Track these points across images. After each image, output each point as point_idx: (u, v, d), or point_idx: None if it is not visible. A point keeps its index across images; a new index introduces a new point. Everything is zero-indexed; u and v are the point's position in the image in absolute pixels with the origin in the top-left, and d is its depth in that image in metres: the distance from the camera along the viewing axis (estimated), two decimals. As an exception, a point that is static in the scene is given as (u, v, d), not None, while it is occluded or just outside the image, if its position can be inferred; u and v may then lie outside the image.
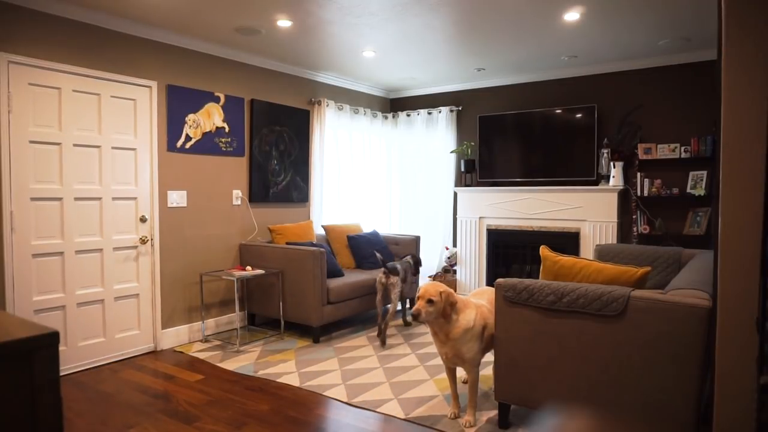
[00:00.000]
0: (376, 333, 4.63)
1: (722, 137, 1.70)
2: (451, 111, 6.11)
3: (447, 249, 6.12)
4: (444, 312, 2.73)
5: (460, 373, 3.50)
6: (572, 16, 3.76)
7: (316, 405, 3.13)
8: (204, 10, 3.64)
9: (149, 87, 4.08)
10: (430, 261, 6.26)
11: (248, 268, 4.46)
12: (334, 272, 4.70)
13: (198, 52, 4.42)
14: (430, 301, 2.72)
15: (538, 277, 3.58)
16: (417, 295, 2.77)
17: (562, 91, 5.46)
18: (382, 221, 6.52)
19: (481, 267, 5.81)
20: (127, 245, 3.98)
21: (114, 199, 3.88)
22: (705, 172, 4.70)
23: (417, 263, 4.90)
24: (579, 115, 5.21)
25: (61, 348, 3.62)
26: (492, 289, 3.20)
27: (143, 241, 4.05)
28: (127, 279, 3.99)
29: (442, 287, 2.76)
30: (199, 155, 4.46)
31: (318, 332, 4.37)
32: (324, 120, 5.55)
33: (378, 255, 4.35)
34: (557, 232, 5.31)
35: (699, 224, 4.70)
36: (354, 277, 4.78)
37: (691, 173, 4.76)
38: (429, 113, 6.25)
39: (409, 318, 4.97)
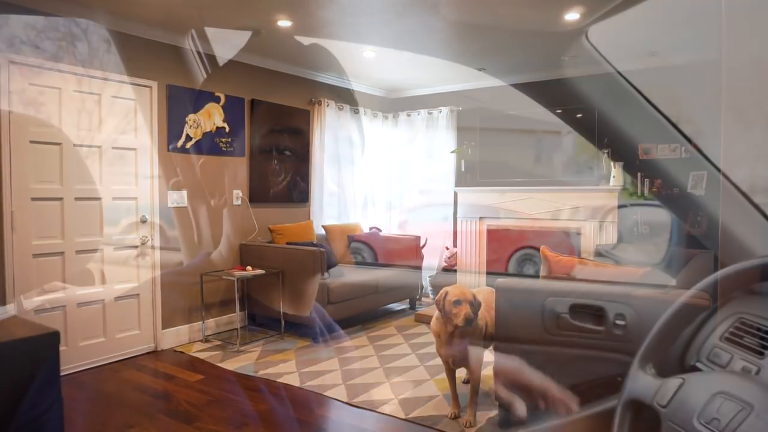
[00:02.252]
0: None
1: (722, 137, 1.70)
2: (452, 111, 6.10)
3: (447, 249, 6.12)
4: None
5: (460, 373, 3.49)
6: (572, 16, 3.76)
7: (316, 405, 3.13)
8: (204, 10, 3.64)
9: (149, 87, 4.07)
10: (431, 261, 6.24)
11: (248, 268, 4.45)
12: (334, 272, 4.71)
13: (198, 52, 4.42)
14: (471, 304, 2.65)
15: (538, 278, 3.58)
16: (450, 298, 2.66)
17: (562, 91, 5.45)
18: (382, 221, 6.51)
19: (481, 267, 5.81)
20: (127, 245, 3.98)
21: (114, 199, 3.89)
22: (705, 173, 4.69)
23: None
24: (579, 115, 5.21)
25: (62, 348, 3.59)
26: (488, 289, 3.21)
27: (143, 241, 4.05)
28: (128, 279, 3.99)
29: (468, 289, 2.70)
30: (199, 155, 4.45)
31: (318, 332, 4.37)
32: (324, 120, 5.55)
33: None
34: (557, 232, 5.31)
35: (699, 224, 4.69)
36: (354, 277, 4.77)
37: (692, 173, 4.75)
38: (429, 113, 6.24)
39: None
